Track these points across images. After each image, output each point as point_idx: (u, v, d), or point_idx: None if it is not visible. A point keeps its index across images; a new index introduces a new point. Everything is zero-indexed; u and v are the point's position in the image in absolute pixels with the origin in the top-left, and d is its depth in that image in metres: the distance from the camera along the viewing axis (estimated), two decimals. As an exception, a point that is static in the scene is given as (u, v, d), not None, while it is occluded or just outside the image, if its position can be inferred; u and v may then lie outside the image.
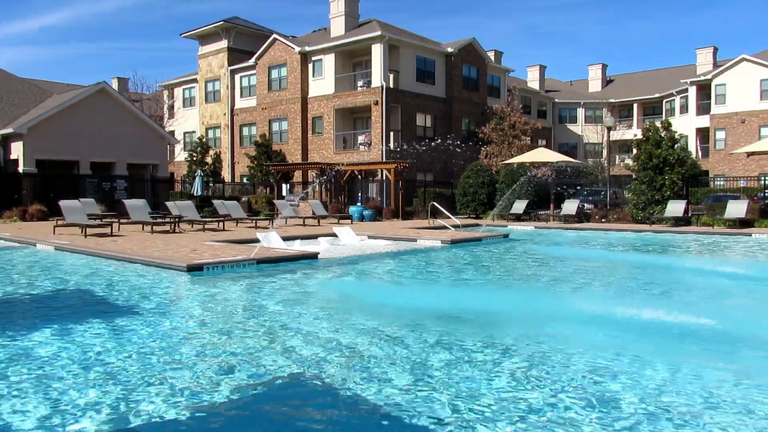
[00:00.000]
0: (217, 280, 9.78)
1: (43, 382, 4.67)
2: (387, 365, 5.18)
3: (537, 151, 28.13)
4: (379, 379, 4.78)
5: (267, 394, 4.58)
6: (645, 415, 4.02)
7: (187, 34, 42.76)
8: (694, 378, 4.88)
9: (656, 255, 15.25)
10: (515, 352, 5.62)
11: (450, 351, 5.62)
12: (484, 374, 4.90)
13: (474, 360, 5.35)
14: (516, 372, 4.94)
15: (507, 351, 5.69)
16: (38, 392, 4.43)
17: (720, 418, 4.00)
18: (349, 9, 36.74)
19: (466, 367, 5.12)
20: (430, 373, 4.93)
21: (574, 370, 5.02)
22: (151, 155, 29.91)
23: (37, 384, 4.62)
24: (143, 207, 19.73)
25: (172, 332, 6.47)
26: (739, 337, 6.53)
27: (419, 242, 16.28)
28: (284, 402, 4.52)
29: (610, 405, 4.20)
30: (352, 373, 4.97)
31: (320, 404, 4.42)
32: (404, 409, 4.13)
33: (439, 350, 5.65)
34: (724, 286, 10.69)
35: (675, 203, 21.72)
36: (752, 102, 41.29)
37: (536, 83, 52.98)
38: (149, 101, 44.07)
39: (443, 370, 5.01)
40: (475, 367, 5.12)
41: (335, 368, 5.11)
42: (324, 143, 36.00)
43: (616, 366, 5.17)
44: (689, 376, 4.94)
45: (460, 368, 5.08)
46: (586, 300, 8.87)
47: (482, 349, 5.71)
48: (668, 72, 52.79)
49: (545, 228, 22.76)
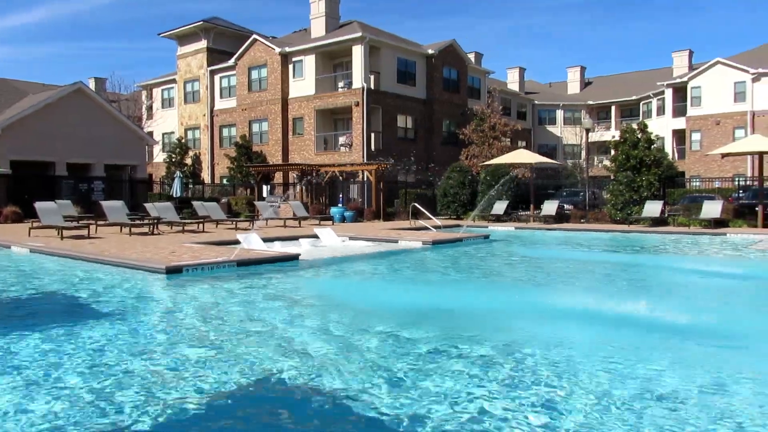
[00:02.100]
0: (196, 282, 9.69)
1: (12, 386, 4.59)
2: (367, 366, 5.17)
3: (517, 153, 28.33)
4: (357, 379, 4.77)
5: (245, 396, 4.55)
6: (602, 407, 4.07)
7: (166, 34, 42.35)
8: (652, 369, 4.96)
9: (633, 254, 15.47)
10: (494, 352, 5.66)
11: (434, 354, 5.63)
12: (462, 371, 4.93)
13: (458, 361, 5.37)
14: (489, 366, 4.98)
15: (485, 349, 5.72)
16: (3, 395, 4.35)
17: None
18: (330, 10, 36.69)
19: (447, 366, 5.14)
20: (409, 374, 4.94)
21: (540, 362, 5.06)
22: (130, 156, 29.56)
23: (5, 389, 4.53)
24: (121, 208, 19.48)
25: (149, 335, 6.39)
26: (707, 331, 6.66)
27: (401, 243, 16.29)
28: (262, 404, 4.49)
29: (584, 396, 4.25)
30: (330, 373, 4.95)
31: (299, 405, 4.40)
32: (383, 409, 4.13)
33: (421, 353, 5.66)
34: (699, 283, 10.87)
35: (652, 204, 22.01)
36: (727, 104, 42.06)
37: (516, 85, 53.41)
38: (127, 102, 43.57)
39: (423, 372, 5.01)
40: (455, 365, 5.14)
41: (315, 368, 5.09)
42: (305, 144, 35.88)
43: (587, 359, 5.23)
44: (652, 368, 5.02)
45: (441, 368, 5.10)
46: (562, 298, 8.96)
47: (465, 351, 5.73)
48: (645, 74, 53.53)
49: (525, 228, 22.94)
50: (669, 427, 3.82)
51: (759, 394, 4.55)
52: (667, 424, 3.87)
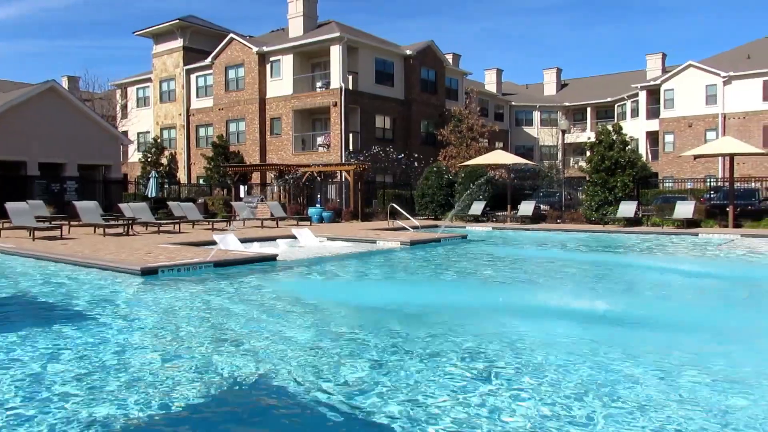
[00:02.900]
0: (172, 284, 9.58)
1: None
2: (345, 366, 5.17)
3: (494, 154, 28.53)
4: (335, 379, 4.77)
5: (221, 398, 4.51)
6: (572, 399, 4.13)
7: (141, 32, 41.79)
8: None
9: (607, 254, 15.68)
10: (473, 349, 5.69)
11: (410, 353, 5.64)
12: (438, 368, 4.95)
13: (436, 360, 5.39)
14: (464, 363, 5.01)
15: (463, 348, 5.75)
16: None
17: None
18: (308, 10, 36.56)
19: (420, 365, 5.16)
20: (386, 372, 4.94)
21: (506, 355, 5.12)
22: (104, 156, 29.08)
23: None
24: (95, 209, 19.17)
25: (122, 338, 6.30)
26: (672, 324, 6.78)
27: (379, 243, 16.29)
28: (238, 405, 4.46)
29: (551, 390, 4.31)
30: (309, 373, 4.94)
31: (276, 406, 4.37)
32: (359, 407, 4.13)
33: (397, 352, 5.67)
34: (669, 281, 11.07)
35: (627, 204, 22.33)
36: (698, 107, 42.87)
37: (493, 86, 53.80)
38: (101, 101, 42.87)
39: (401, 372, 5.02)
40: (431, 363, 5.17)
41: (293, 369, 5.07)
42: (282, 144, 35.70)
43: (557, 354, 5.30)
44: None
45: (417, 366, 5.12)
46: (536, 296, 9.06)
47: (443, 351, 5.76)
48: (620, 77, 54.33)
49: (503, 229, 23.11)
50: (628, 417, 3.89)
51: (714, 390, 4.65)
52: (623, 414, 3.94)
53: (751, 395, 4.50)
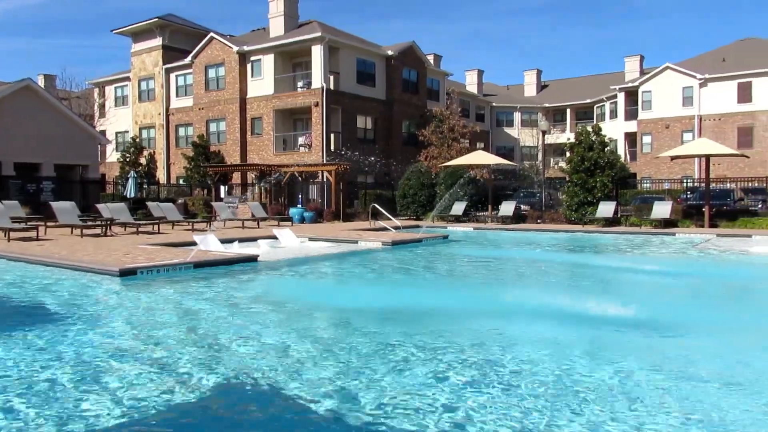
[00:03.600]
0: (151, 285, 9.48)
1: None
2: (323, 367, 5.15)
3: (475, 154, 28.67)
4: (312, 380, 4.75)
5: (199, 400, 4.47)
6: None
7: (120, 30, 41.29)
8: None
9: (587, 254, 15.86)
10: (452, 351, 5.72)
11: (393, 353, 5.65)
12: (417, 367, 4.96)
13: (416, 358, 5.40)
14: (437, 362, 5.03)
15: (441, 349, 5.77)
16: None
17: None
18: (289, 9, 36.41)
19: (403, 365, 5.17)
20: (358, 373, 4.94)
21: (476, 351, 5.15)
22: (81, 156, 28.65)
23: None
24: (72, 209, 18.88)
25: (99, 340, 6.21)
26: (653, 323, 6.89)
27: (360, 244, 16.28)
28: (216, 408, 4.42)
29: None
30: (288, 375, 4.91)
31: (254, 407, 4.35)
32: (337, 407, 4.12)
33: (380, 352, 5.67)
34: (646, 281, 11.22)
35: (606, 204, 22.58)
36: (675, 108, 43.53)
37: (474, 87, 54.07)
38: (78, 100, 42.28)
39: (379, 372, 5.03)
40: (411, 362, 5.18)
41: (273, 372, 5.04)
42: (263, 144, 35.51)
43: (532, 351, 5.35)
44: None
45: (398, 366, 5.12)
46: (514, 295, 9.13)
47: (422, 350, 5.77)
48: (599, 78, 54.94)
49: (484, 229, 23.23)
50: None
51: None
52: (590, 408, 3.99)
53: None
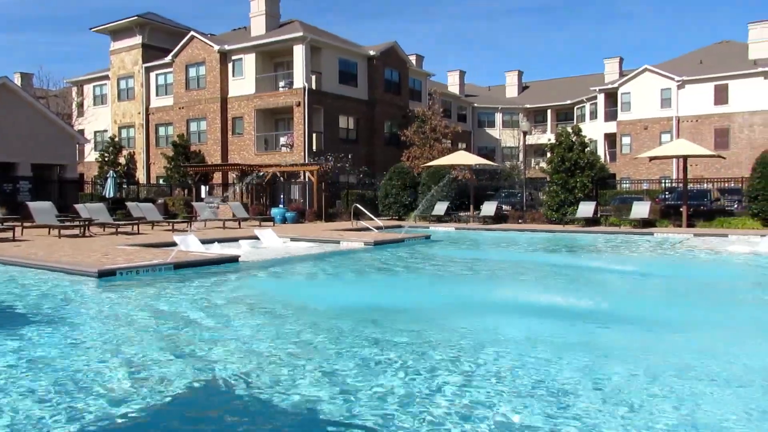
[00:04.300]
0: (130, 286, 9.38)
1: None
2: (304, 367, 5.14)
3: (457, 154, 28.79)
4: (292, 382, 4.74)
5: (178, 402, 4.43)
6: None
7: (98, 28, 40.74)
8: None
9: (567, 254, 16.00)
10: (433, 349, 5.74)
11: (377, 358, 5.65)
12: (396, 366, 4.98)
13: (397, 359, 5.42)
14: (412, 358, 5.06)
15: (425, 349, 5.80)
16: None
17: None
18: (270, 9, 36.24)
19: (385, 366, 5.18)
20: (343, 374, 4.94)
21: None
22: (59, 155, 28.23)
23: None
24: (50, 210, 18.61)
25: (77, 342, 6.12)
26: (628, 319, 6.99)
27: (342, 244, 16.26)
28: (194, 410, 4.39)
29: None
30: (268, 376, 4.90)
31: (232, 409, 4.32)
32: (316, 408, 4.12)
33: (364, 356, 5.67)
34: (624, 280, 11.36)
35: (586, 204, 22.80)
36: (654, 110, 44.13)
37: (456, 88, 54.28)
38: (56, 98, 41.63)
39: (360, 375, 5.03)
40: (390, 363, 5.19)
41: (254, 372, 5.02)
42: (245, 144, 35.30)
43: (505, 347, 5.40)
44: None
45: (378, 368, 5.13)
46: (495, 293, 9.19)
47: (403, 351, 5.78)
48: (579, 80, 55.48)
49: (465, 229, 23.34)
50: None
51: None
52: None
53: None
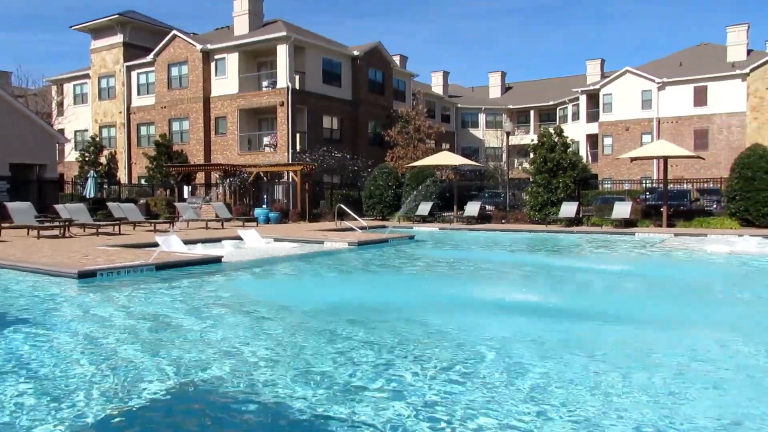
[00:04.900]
0: (111, 287, 9.27)
1: None
2: (286, 369, 5.13)
3: (441, 155, 28.87)
4: (274, 383, 4.73)
5: (159, 404, 4.39)
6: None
7: (79, 26, 40.26)
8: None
9: (549, 254, 16.13)
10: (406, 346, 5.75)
11: (357, 361, 5.65)
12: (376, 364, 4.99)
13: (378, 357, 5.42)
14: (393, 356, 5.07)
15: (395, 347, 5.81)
16: None
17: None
18: (254, 8, 36.06)
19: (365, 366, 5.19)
20: (323, 374, 4.94)
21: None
22: (38, 155, 27.82)
23: None
24: (28, 210, 18.32)
25: (56, 345, 6.04)
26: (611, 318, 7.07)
27: (326, 244, 16.22)
28: (175, 412, 4.36)
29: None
30: (250, 376, 4.87)
31: (213, 410, 4.30)
32: (297, 408, 4.11)
33: (349, 359, 5.66)
34: (603, 279, 11.47)
35: (568, 204, 22.99)
36: (635, 111, 44.63)
37: (440, 88, 54.43)
38: (35, 97, 41.03)
39: (342, 376, 5.03)
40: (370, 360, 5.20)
41: (235, 372, 4.99)
42: (228, 144, 35.08)
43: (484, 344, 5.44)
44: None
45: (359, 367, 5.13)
46: (477, 292, 9.25)
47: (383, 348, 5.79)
48: (562, 81, 55.93)
49: (449, 229, 23.41)
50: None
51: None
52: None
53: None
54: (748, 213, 20.41)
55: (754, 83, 40.16)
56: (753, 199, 20.23)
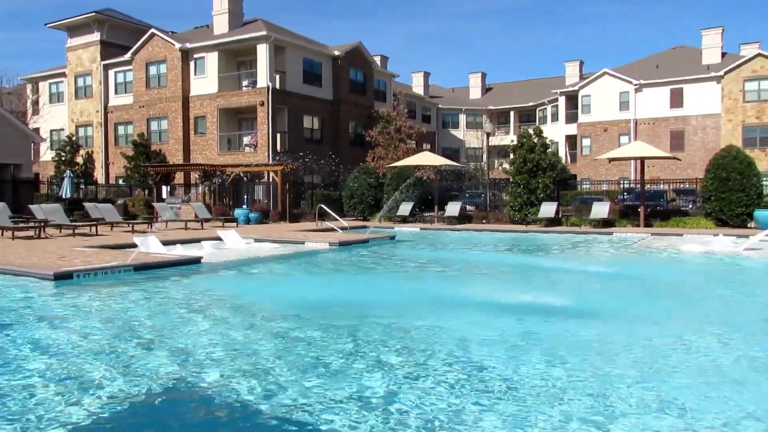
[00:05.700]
0: (88, 289, 9.14)
1: None
2: (268, 368, 5.11)
3: (422, 155, 28.93)
4: (260, 383, 4.71)
5: (140, 407, 4.35)
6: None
7: (54, 24, 39.62)
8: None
9: (528, 254, 16.27)
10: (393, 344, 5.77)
11: (332, 356, 5.65)
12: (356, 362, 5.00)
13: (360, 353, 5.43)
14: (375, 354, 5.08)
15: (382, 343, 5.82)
16: None
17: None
18: (233, 7, 35.82)
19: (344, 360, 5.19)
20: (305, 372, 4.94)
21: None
22: (13, 154, 27.32)
23: None
24: (3, 210, 17.98)
25: (31, 348, 5.94)
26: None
27: (307, 245, 16.18)
28: (156, 414, 4.33)
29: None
30: (233, 377, 4.85)
31: (194, 410, 4.28)
32: (280, 409, 4.11)
33: (327, 356, 5.66)
34: (582, 278, 11.61)
35: (547, 205, 23.19)
36: (613, 112, 45.18)
37: (421, 89, 54.59)
38: (9, 96, 40.36)
39: (324, 373, 5.03)
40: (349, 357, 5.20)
41: (216, 373, 4.96)
42: (207, 144, 34.80)
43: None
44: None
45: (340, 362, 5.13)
46: (459, 290, 9.30)
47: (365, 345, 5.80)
48: (541, 82, 56.39)
49: (430, 229, 23.48)
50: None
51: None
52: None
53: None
54: (723, 213, 20.78)
55: (728, 85, 40.91)
56: (727, 200, 20.60)
